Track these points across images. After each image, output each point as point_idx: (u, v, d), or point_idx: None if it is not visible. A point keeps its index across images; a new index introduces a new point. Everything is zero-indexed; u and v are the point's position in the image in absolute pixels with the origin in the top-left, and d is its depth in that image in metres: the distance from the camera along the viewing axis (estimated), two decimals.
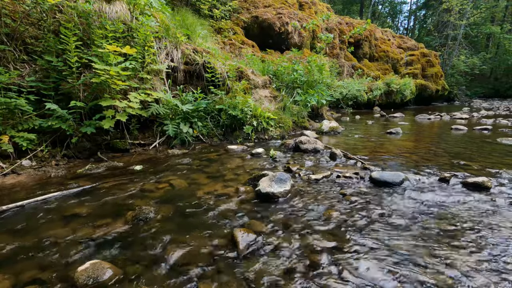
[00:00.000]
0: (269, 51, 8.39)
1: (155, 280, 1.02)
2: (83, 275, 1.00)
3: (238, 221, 1.45)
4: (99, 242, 1.26)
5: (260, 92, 4.56)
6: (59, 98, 2.61)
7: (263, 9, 8.94)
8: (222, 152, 3.02)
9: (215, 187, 1.94)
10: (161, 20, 3.65)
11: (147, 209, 1.54)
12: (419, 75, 14.11)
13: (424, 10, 33.49)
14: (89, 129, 2.53)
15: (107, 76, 2.47)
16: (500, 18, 26.63)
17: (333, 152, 2.73)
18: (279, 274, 1.04)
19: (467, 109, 10.96)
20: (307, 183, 2.03)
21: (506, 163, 2.53)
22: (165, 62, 3.47)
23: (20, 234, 1.33)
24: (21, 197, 1.74)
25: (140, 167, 2.41)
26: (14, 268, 1.08)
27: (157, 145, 3.16)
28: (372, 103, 10.39)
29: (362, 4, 28.06)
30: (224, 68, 4.00)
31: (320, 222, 1.44)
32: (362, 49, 13.04)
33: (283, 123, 4.13)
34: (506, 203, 1.66)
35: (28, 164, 2.32)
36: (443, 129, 5.29)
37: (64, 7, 2.79)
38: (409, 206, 1.63)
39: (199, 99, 3.56)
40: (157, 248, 1.21)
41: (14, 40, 2.54)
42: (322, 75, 5.35)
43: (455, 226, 1.39)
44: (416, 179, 2.05)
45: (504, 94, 23.18)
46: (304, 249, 1.20)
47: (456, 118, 7.33)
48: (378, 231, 1.34)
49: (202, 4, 7.01)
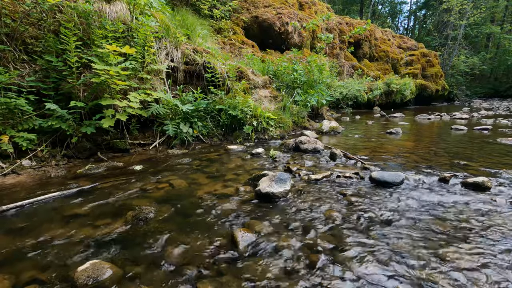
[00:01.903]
0: (269, 51, 8.39)
1: (155, 280, 1.01)
2: (83, 275, 1.00)
3: (238, 221, 1.45)
4: (99, 242, 1.26)
5: (260, 92, 4.56)
6: (59, 98, 2.61)
7: (263, 9, 8.94)
8: (222, 152, 3.02)
9: (215, 187, 1.94)
10: (161, 20, 3.65)
11: (147, 209, 1.54)
12: (419, 75, 14.12)
13: (424, 10, 33.51)
14: (89, 129, 2.53)
15: (107, 76, 2.47)
16: (500, 18, 26.64)
17: (333, 152, 2.73)
18: (279, 274, 1.04)
19: (467, 109, 10.96)
20: (307, 183, 2.03)
21: (506, 163, 2.53)
22: (165, 62, 3.47)
23: (20, 234, 1.33)
24: (21, 197, 1.74)
25: (140, 167, 2.41)
26: (14, 268, 1.08)
27: (157, 145, 3.16)
28: (372, 103, 10.40)
29: (362, 4, 28.06)
30: (224, 68, 4.00)
31: (320, 222, 1.44)
32: (362, 49, 13.04)
33: (283, 123, 4.13)
34: (506, 203, 1.66)
35: (28, 164, 2.32)
36: (443, 129, 5.29)
37: (64, 7, 2.79)
38: (409, 206, 1.63)
39: (199, 99, 3.56)
40: (157, 248, 1.21)
41: (14, 40, 2.54)
42: (322, 75, 5.35)
43: (455, 226, 1.39)
44: (416, 179, 2.05)
45: (504, 94, 23.20)
46: (304, 249, 1.20)
47: (456, 118, 7.34)
48: (378, 231, 1.34)
49: (202, 4, 7.01)
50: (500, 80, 25.06)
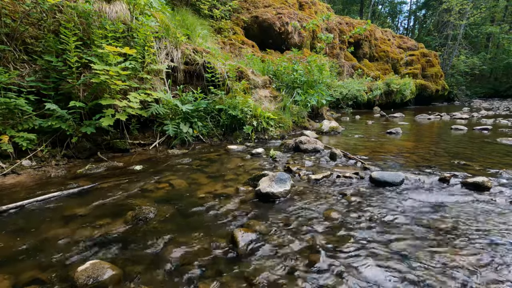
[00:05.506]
0: (269, 51, 8.39)
1: (155, 280, 1.01)
2: (83, 275, 1.00)
3: (238, 221, 1.45)
4: (99, 242, 1.26)
5: (260, 92, 4.56)
6: (59, 98, 2.61)
7: (263, 9, 8.94)
8: (222, 152, 3.02)
9: (215, 187, 1.94)
10: (161, 20, 3.65)
11: (147, 209, 1.54)
12: (419, 75, 14.12)
13: (424, 10, 33.51)
14: (89, 129, 2.53)
15: (107, 77, 2.47)
16: (500, 18, 26.64)
17: (333, 152, 2.73)
18: (279, 274, 1.04)
19: (467, 109, 10.96)
20: (307, 183, 2.03)
21: (506, 163, 2.53)
22: (165, 62, 3.47)
23: (20, 234, 1.33)
24: (21, 197, 1.74)
25: (140, 167, 2.41)
26: (14, 268, 1.08)
27: (157, 145, 3.16)
28: (372, 103, 10.39)
29: (362, 4, 28.06)
30: (224, 68, 3.99)
31: (320, 222, 1.44)
32: (362, 49, 13.04)
33: (283, 123, 4.13)
34: (506, 203, 1.66)
35: (28, 164, 2.32)
36: (443, 129, 5.29)
37: (64, 7, 2.79)
38: (409, 206, 1.63)
39: (199, 99, 3.56)
40: (157, 248, 1.21)
41: (14, 40, 2.54)
42: (322, 75, 5.35)
43: (455, 226, 1.39)
44: (416, 179, 2.05)
45: (504, 94, 23.19)
46: (304, 249, 1.20)
47: (456, 118, 7.34)
48: (378, 231, 1.34)
49: (202, 4, 7.01)
50: (500, 80, 25.05)
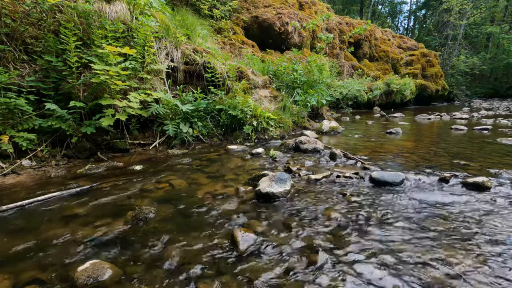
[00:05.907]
0: (269, 51, 8.39)
1: (155, 280, 1.01)
2: (83, 275, 1.00)
3: (238, 221, 1.45)
4: (99, 242, 1.26)
5: (260, 92, 4.56)
6: (59, 98, 2.61)
7: (263, 9, 8.94)
8: (222, 152, 3.02)
9: (215, 187, 1.94)
10: (161, 20, 3.65)
11: (147, 209, 1.54)
12: (419, 75, 14.12)
13: (424, 10, 33.51)
14: (89, 129, 2.53)
15: (107, 77, 2.47)
16: (500, 18, 26.64)
17: (333, 152, 2.73)
18: (279, 274, 1.04)
19: (467, 109, 10.96)
20: (307, 183, 2.03)
21: (506, 163, 2.53)
22: (165, 62, 3.47)
23: (20, 234, 1.33)
24: (21, 197, 1.74)
25: (140, 167, 2.41)
26: (14, 268, 1.08)
27: (157, 145, 3.16)
28: (372, 103, 10.39)
29: (362, 4, 28.05)
30: (224, 68, 3.99)
31: (320, 222, 1.44)
32: (362, 49, 13.04)
33: (283, 123, 4.13)
34: (506, 203, 1.66)
35: (28, 164, 2.32)
36: (443, 129, 5.29)
37: (64, 7, 2.79)
38: (409, 206, 1.63)
39: (199, 99, 3.56)
40: (157, 248, 1.21)
41: (14, 40, 2.54)
42: (322, 75, 5.35)
43: (455, 226, 1.39)
44: (416, 179, 2.05)
45: (504, 94, 23.19)
46: (304, 249, 1.20)
47: (456, 118, 7.34)
48: (378, 231, 1.34)
49: (202, 4, 7.01)
50: (500, 80, 25.05)
